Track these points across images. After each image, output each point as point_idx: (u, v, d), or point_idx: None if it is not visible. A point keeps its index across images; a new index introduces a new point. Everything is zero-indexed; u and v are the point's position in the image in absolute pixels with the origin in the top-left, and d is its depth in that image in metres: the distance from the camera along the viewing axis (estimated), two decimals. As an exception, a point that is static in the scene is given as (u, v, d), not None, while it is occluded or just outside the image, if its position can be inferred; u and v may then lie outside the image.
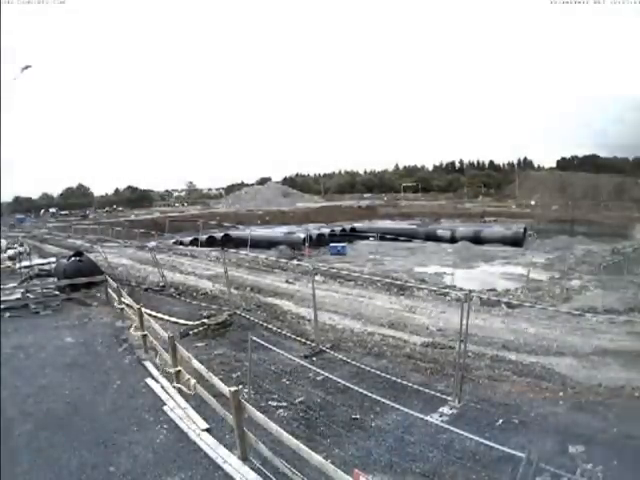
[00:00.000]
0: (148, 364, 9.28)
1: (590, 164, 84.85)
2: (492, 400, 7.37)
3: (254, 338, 7.38)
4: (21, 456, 6.14)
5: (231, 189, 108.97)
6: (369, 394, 6.48)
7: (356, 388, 6.59)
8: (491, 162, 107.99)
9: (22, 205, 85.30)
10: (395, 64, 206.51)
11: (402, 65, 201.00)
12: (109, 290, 14.47)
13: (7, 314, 13.46)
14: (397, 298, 15.19)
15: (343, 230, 45.64)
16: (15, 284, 16.60)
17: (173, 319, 12.15)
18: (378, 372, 8.39)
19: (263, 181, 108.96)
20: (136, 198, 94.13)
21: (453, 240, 40.46)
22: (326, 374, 7.08)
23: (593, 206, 55.34)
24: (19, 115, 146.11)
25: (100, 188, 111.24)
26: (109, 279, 14.91)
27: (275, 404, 7.26)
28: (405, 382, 7.93)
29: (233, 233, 43.19)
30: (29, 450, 6.29)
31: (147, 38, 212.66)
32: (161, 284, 16.83)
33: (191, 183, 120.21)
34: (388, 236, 36.55)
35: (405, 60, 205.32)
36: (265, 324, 11.65)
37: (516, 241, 38.61)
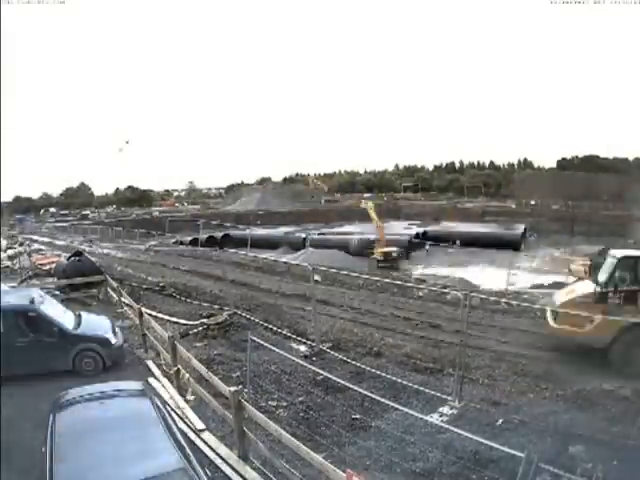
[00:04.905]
0: (148, 364, 9.29)
1: (590, 164, 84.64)
2: (492, 400, 7.37)
3: (254, 338, 7.37)
4: (21, 456, 6.13)
5: (231, 189, 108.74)
6: (369, 394, 6.47)
7: (356, 388, 6.58)
8: (491, 162, 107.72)
9: (22, 205, 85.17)
10: (395, 64, 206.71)
11: (402, 65, 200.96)
12: (109, 290, 14.46)
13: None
14: (396, 298, 15.21)
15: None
16: (15, 284, 16.58)
17: (173, 319, 12.15)
18: (378, 372, 8.38)
19: (263, 181, 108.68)
20: (136, 198, 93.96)
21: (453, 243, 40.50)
22: (326, 374, 7.07)
23: (593, 206, 55.23)
24: (19, 115, 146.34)
25: (100, 188, 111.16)
26: (109, 279, 14.90)
27: (275, 404, 7.26)
28: (405, 382, 7.92)
29: (233, 233, 43.15)
30: (29, 450, 6.27)
31: (147, 37, 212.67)
32: (161, 284, 16.81)
33: (191, 183, 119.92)
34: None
35: (405, 60, 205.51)
36: (265, 324, 11.64)
37: (514, 243, 38.91)
